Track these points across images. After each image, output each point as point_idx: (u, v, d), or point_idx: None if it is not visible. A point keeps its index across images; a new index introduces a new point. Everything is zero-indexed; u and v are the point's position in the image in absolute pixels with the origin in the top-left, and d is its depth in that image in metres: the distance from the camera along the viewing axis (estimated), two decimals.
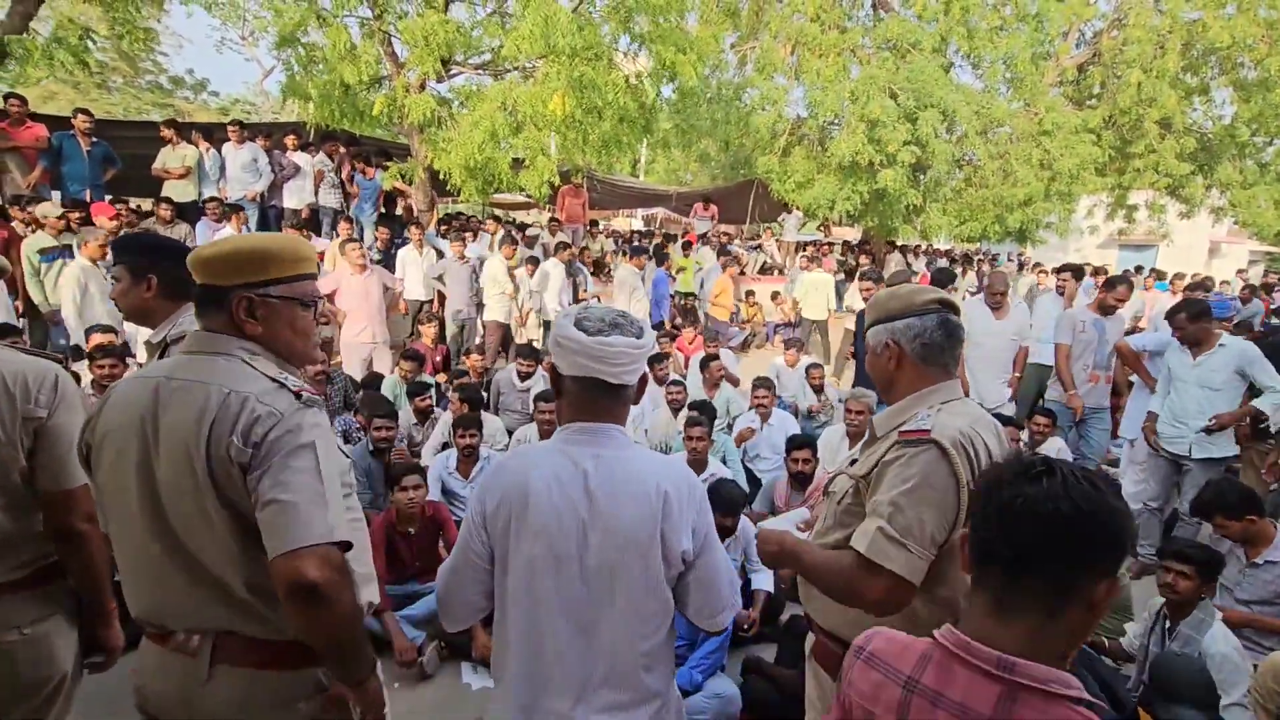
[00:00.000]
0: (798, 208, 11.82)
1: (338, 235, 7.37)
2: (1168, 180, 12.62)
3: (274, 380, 1.24)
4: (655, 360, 6.28)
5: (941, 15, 10.63)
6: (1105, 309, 4.78)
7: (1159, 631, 2.60)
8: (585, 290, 8.50)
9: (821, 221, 12.93)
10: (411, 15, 6.19)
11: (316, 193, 8.05)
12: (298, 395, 1.24)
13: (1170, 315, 3.93)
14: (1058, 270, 6.63)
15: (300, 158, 7.95)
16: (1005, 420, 4.17)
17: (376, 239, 7.77)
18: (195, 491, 1.18)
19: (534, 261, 7.19)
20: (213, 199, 6.99)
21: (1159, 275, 12.72)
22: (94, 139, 6.64)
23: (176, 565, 1.22)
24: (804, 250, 11.64)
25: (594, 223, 12.35)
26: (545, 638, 1.23)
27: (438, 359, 6.32)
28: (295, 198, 7.94)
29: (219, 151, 7.52)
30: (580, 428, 1.29)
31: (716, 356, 6.07)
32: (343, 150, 8.53)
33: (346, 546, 1.19)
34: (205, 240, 5.04)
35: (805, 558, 1.46)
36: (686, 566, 1.27)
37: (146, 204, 7.23)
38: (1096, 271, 11.50)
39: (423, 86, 6.54)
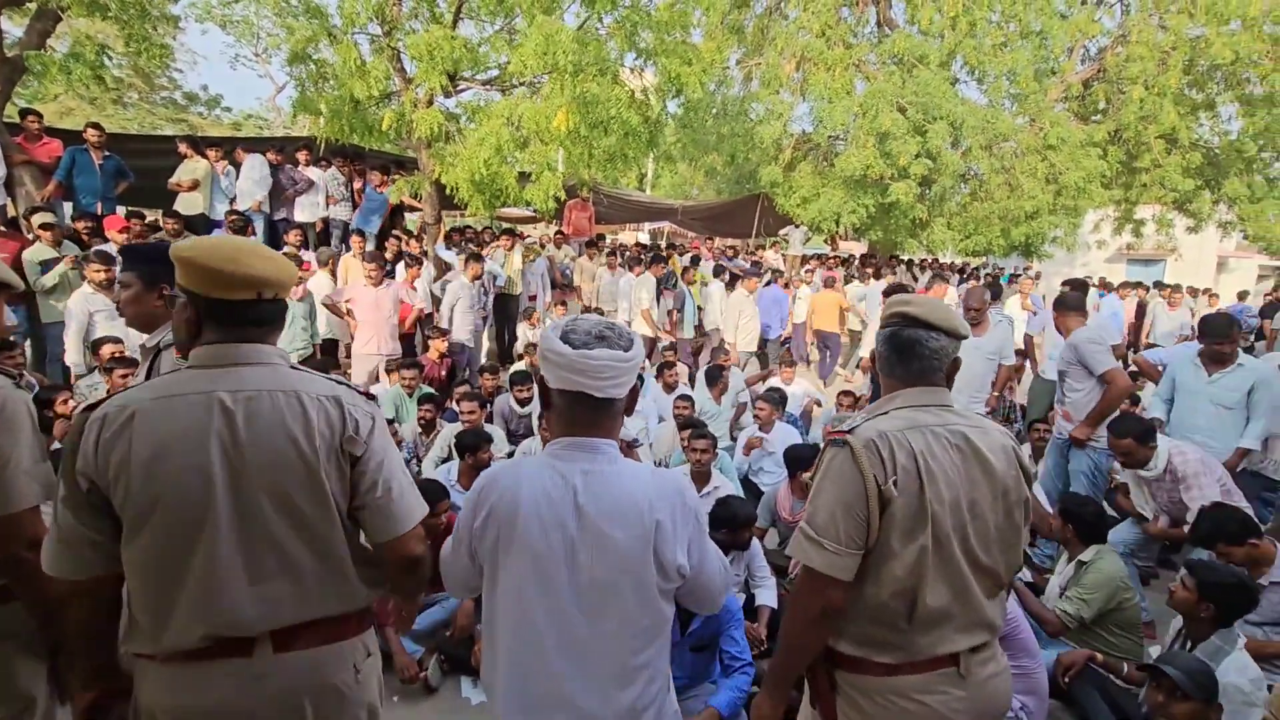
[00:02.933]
0: (802, 222, 11.86)
1: (348, 248, 7.46)
2: (1174, 195, 12.61)
3: (335, 381, 1.36)
4: (664, 368, 6.31)
5: (948, 30, 10.72)
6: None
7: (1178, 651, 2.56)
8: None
9: (829, 235, 12.96)
10: (420, 31, 6.27)
11: (328, 206, 8.16)
12: (366, 394, 1.39)
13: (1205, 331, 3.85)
14: (1062, 284, 6.62)
15: (313, 172, 8.05)
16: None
17: (387, 249, 7.85)
18: (311, 490, 1.27)
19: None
20: (232, 211, 7.11)
21: (1145, 287, 12.65)
22: (106, 153, 6.74)
23: (280, 564, 1.27)
24: (808, 264, 11.65)
25: (600, 236, 12.42)
26: (534, 654, 1.23)
27: (442, 373, 6.34)
28: (308, 211, 8.05)
29: (236, 168, 7.65)
30: (569, 442, 1.29)
31: (725, 368, 6.10)
32: (354, 165, 8.65)
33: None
34: None
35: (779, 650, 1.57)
36: (684, 580, 1.28)
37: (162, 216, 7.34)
38: (1107, 285, 11.45)
39: (430, 102, 6.62)
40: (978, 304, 4.61)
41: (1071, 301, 4.16)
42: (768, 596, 3.33)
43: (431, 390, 5.46)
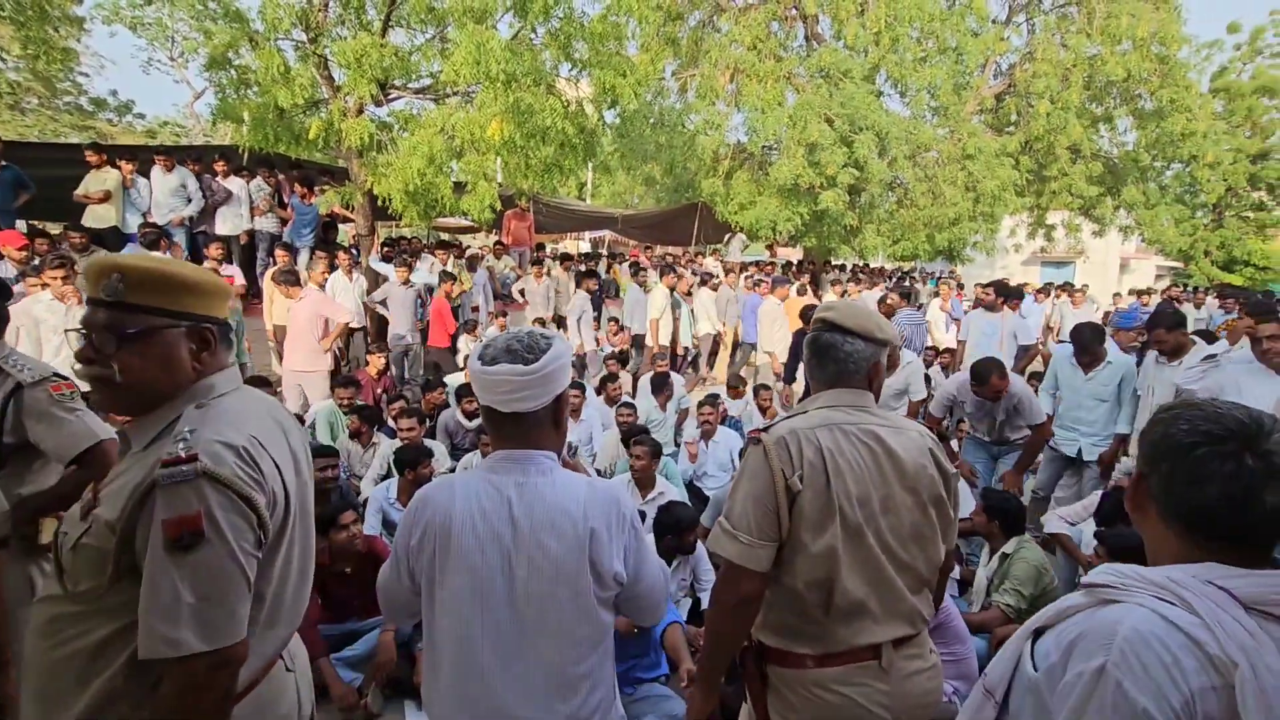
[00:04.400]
0: (741, 229, 12.12)
1: (274, 262, 7.16)
2: (1080, 201, 13.55)
3: None
4: (607, 380, 6.33)
5: (872, 46, 11.20)
6: None
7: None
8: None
9: (768, 242, 13.30)
10: (347, 39, 6.10)
11: (252, 218, 7.81)
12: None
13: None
14: (985, 286, 7.01)
15: (234, 183, 7.70)
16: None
17: (315, 263, 7.58)
18: None
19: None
20: (146, 224, 6.70)
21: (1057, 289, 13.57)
22: (3, 162, 6.27)
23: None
24: (746, 271, 11.90)
25: (540, 246, 12.36)
26: (473, 669, 1.22)
27: (379, 391, 6.15)
28: (229, 224, 7.68)
29: (147, 177, 7.22)
30: (504, 455, 1.30)
31: (667, 376, 6.16)
32: (280, 175, 8.32)
33: None
34: None
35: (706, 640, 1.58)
36: (622, 587, 1.29)
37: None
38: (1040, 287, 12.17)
39: (360, 110, 6.45)
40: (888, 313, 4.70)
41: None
42: None
43: (363, 404, 5.29)
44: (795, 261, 14.46)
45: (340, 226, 9.97)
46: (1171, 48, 12.19)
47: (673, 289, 8.30)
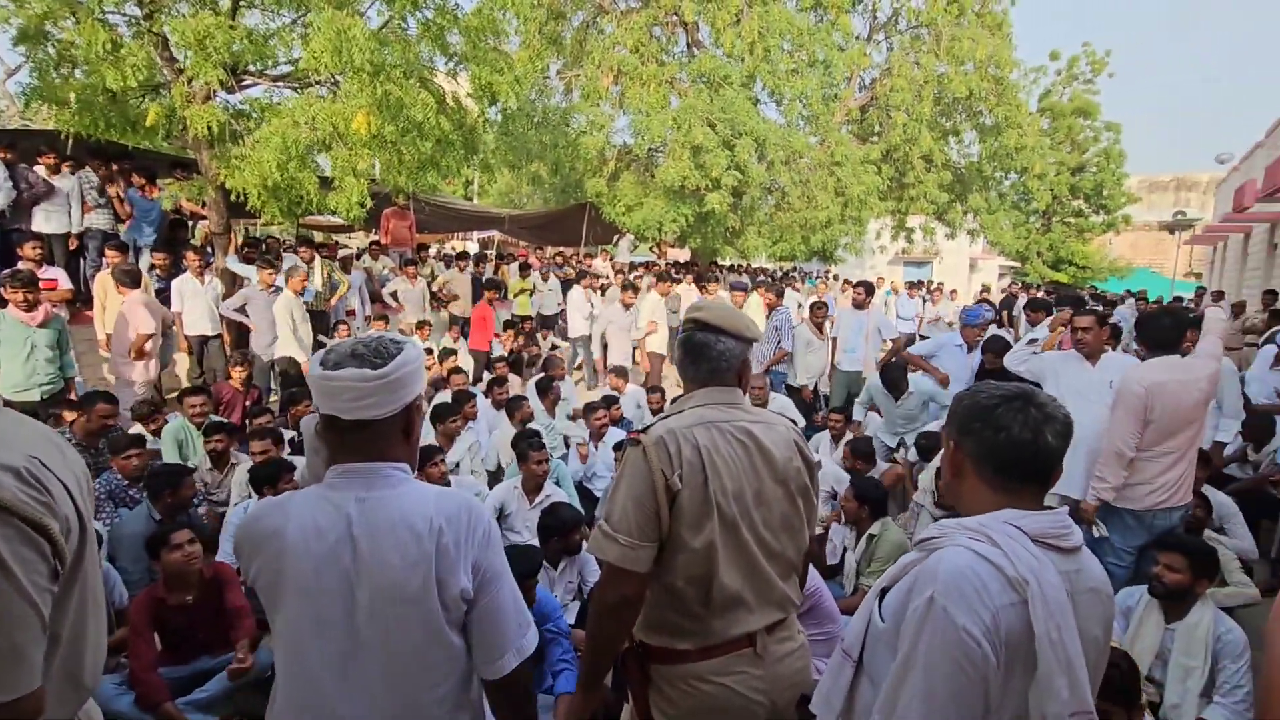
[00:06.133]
0: (628, 230, 12.25)
1: (107, 263, 6.36)
2: (934, 206, 14.86)
3: None
4: (495, 384, 6.16)
5: (747, 54, 11.67)
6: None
7: None
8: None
9: (655, 243, 13.51)
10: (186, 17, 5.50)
11: (83, 216, 6.90)
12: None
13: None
14: (853, 285, 7.50)
15: (63, 178, 6.74)
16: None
17: (154, 265, 6.81)
18: None
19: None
20: None
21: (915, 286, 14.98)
22: None
23: None
24: (635, 271, 12.06)
25: (423, 246, 11.85)
26: (313, 705, 1.13)
27: (247, 403, 5.63)
28: (52, 221, 6.72)
29: None
30: (344, 469, 1.19)
31: (555, 379, 6.08)
32: (114, 166, 7.40)
33: None
34: None
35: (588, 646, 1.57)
36: (469, 605, 1.20)
37: None
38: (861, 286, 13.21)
39: (209, 97, 5.85)
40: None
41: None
42: None
43: (222, 419, 4.82)
44: (682, 262, 14.82)
45: (193, 225, 9.07)
46: (1005, 70, 13.66)
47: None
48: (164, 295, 6.47)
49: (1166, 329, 2.98)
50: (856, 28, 13.63)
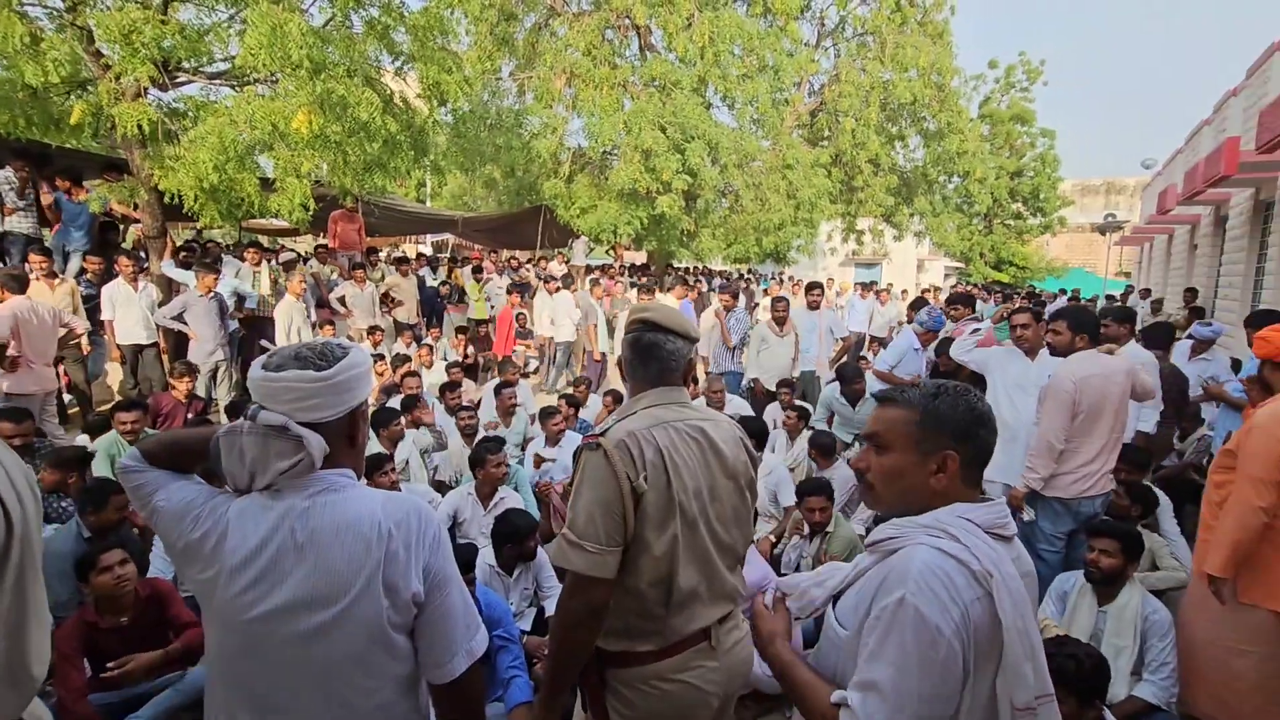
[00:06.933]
0: (583, 233, 12.22)
1: (31, 268, 6.01)
2: (881, 209, 15.29)
3: None
4: (447, 389, 6.04)
5: (698, 59, 11.81)
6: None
7: None
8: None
9: (611, 245, 13.52)
10: (111, 10, 5.24)
11: (3, 218, 6.51)
12: None
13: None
14: (805, 288, 7.63)
15: None
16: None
17: (85, 270, 6.47)
18: None
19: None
20: None
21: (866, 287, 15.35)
22: None
23: None
24: (592, 273, 12.03)
25: (373, 250, 11.58)
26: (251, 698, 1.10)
27: (190, 415, 5.38)
28: None
29: None
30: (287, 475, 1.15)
31: (512, 384, 6.00)
32: (39, 169, 7.00)
33: None
34: None
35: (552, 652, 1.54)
36: (419, 609, 1.18)
37: None
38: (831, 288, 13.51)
39: (140, 94, 5.58)
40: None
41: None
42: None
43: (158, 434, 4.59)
44: (637, 265, 14.87)
45: (125, 228, 8.64)
46: (946, 77, 14.17)
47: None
48: (94, 301, 6.15)
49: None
50: (805, 34, 13.94)
